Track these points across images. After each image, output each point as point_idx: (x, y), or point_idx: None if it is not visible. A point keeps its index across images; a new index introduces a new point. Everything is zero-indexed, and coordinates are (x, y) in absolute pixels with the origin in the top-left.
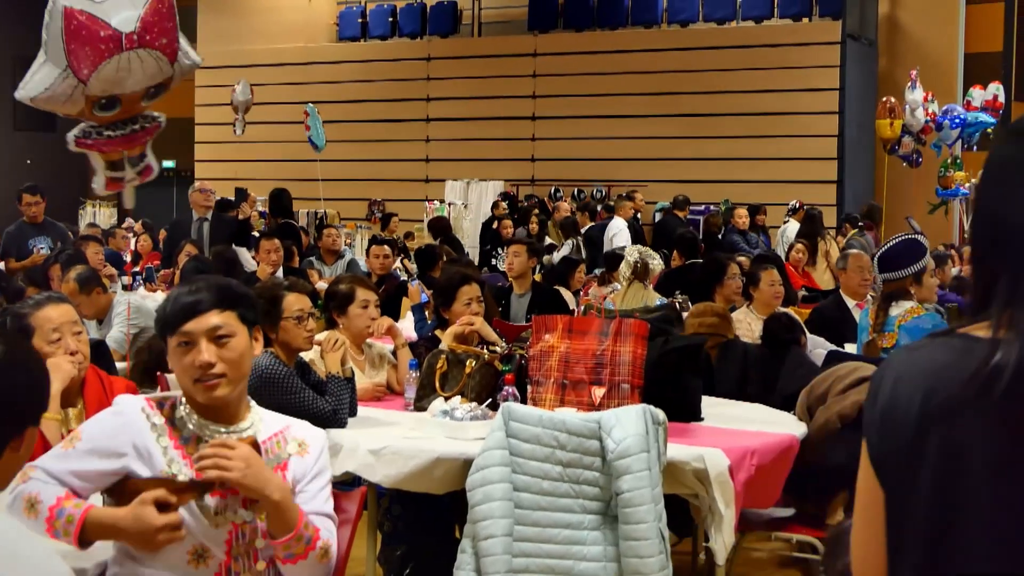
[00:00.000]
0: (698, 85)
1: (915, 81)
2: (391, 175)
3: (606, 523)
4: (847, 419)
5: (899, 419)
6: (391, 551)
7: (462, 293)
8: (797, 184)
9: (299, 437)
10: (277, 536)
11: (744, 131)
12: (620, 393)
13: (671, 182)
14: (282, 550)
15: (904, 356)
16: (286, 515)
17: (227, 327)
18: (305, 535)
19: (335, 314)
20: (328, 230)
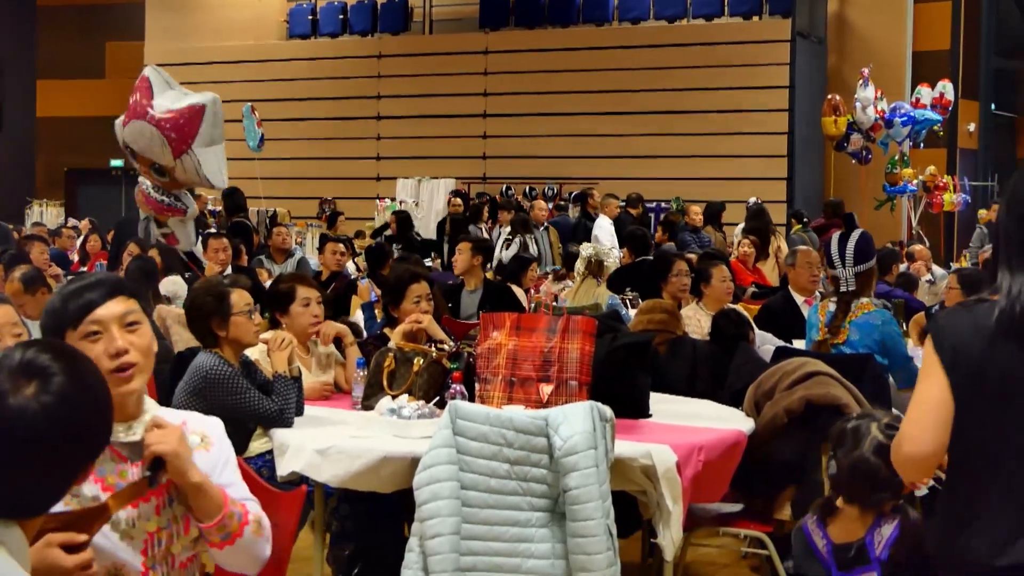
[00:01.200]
0: (649, 83)
1: (867, 79)
2: (342, 173)
3: (554, 520)
4: (794, 414)
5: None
6: (339, 551)
7: (411, 291)
8: (747, 181)
9: (199, 430)
10: (207, 520)
11: (695, 128)
12: (568, 390)
13: (622, 179)
14: (217, 532)
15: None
16: (211, 495)
17: (135, 313)
18: (235, 511)
19: (277, 314)
20: (278, 228)
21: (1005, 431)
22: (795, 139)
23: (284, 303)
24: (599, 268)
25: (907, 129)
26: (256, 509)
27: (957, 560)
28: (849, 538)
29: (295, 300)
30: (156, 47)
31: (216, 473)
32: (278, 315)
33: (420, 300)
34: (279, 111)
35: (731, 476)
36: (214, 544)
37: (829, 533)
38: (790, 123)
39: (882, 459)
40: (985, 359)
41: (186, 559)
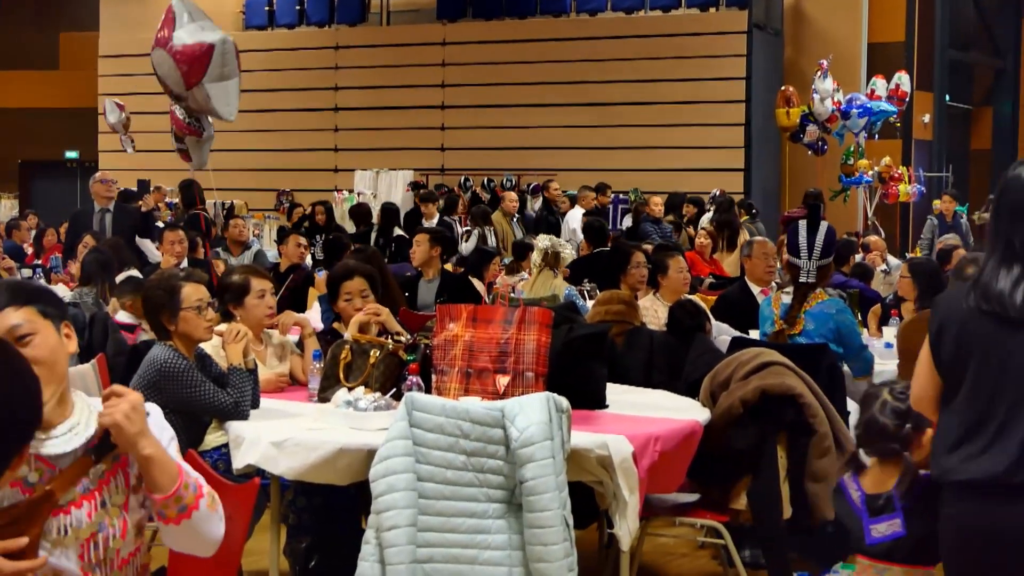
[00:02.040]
0: (606, 74)
1: (826, 70)
2: (299, 165)
3: (510, 511)
4: (750, 404)
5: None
6: (296, 543)
7: (343, 288)
8: (705, 172)
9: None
10: (163, 491)
11: (652, 120)
12: (524, 381)
13: (580, 170)
14: (174, 504)
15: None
16: (164, 466)
17: (28, 324)
18: (190, 482)
19: (231, 306)
20: (235, 220)
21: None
22: (752, 130)
23: (239, 295)
24: (555, 260)
25: (863, 120)
26: (208, 487)
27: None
28: (879, 489)
29: (250, 292)
30: (111, 38)
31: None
32: (232, 307)
33: (352, 297)
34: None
35: (687, 466)
36: (170, 519)
37: (862, 485)
38: (747, 114)
39: (889, 417)
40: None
41: (128, 554)
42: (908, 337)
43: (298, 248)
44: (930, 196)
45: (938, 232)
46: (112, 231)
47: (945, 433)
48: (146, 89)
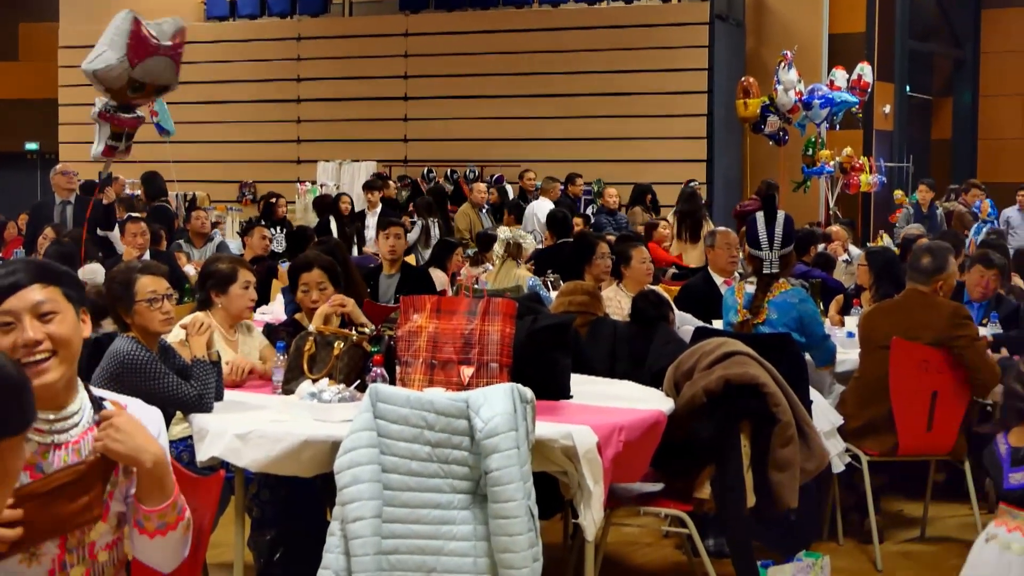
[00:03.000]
0: (569, 65)
1: (790, 61)
2: (262, 156)
3: (475, 502)
4: (713, 394)
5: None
6: (260, 536)
7: (300, 280)
8: (668, 163)
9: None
10: (151, 504)
11: (615, 111)
12: (489, 372)
13: (543, 162)
14: (156, 519)
15: None
16: (163, 482)
17: (52, 303)
18: (179, 503)
19: (214, 293)
20: (197, 212)
21: None
22: (714, 121)
23: (224, 283)
24: (518, 250)
25: (825, 111)
26: (188, 513)
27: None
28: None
29: (236, 281)
30: (71, 29)
31: None
32: (214, 294)
33: (309, 289)
34: (197, 94)
35: (651, 456)
36: (146, 531)
37: (1009, 440)
38: (709, 105)
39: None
40: None
41: (106, 545)
42: (869, 326)
43: (263, 240)
44: (891, 186)
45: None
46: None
47: None
48: None
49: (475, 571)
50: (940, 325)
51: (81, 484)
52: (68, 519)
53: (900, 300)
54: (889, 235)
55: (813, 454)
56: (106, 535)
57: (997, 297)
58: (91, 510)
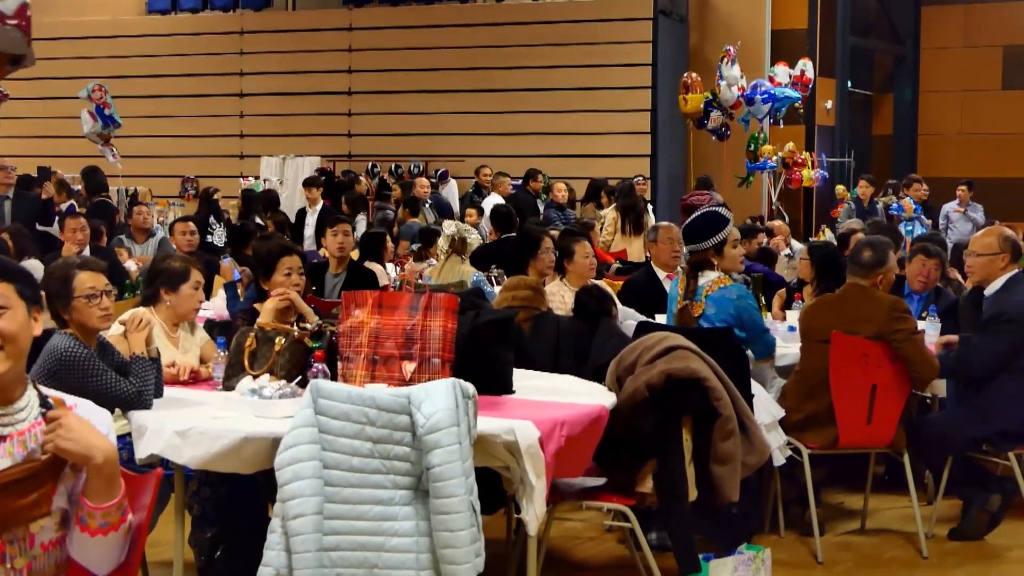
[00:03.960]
0: (513, 60)
1: (733, 57)
2: (205, 151)
3: (417, 498)
4: (655, 388)
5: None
6: (201, 534)
7: (282, 264)
8: (612, 158)
9: (86, 419)
10: (97, 502)
11: (559, 106)
12: (431, 368)
13: (488, 156)
14: (100, 517)
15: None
16: (112, 480)
17: (3, 299)
18: (124, 504)
19: (164, 290)
20: (138, 208)
21: None
22: (658, 116)
23: (176, 281)
24: (462, 245)
25: (767, 107)
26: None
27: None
28: None
29: (188, 280)
30: None
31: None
32: (165, 291)
33: (291, 272)
34: (139, 88)
35: (594, 450)
36: (88, 528)
37: None
38: (653, 100)
39: None
40: None
41: (48, 542)
42: (809, 320)
43: (184, 236)
44: (832, 181)
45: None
46: (11, 219)
47: None
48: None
49: (417, 567)
50: (879, 319)
51: (32, 481)
52: (16, 514)
53: (840, 294)
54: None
55: (754, 447)
56: (48, 530)
57: (936, 291)
58: (40, 506)
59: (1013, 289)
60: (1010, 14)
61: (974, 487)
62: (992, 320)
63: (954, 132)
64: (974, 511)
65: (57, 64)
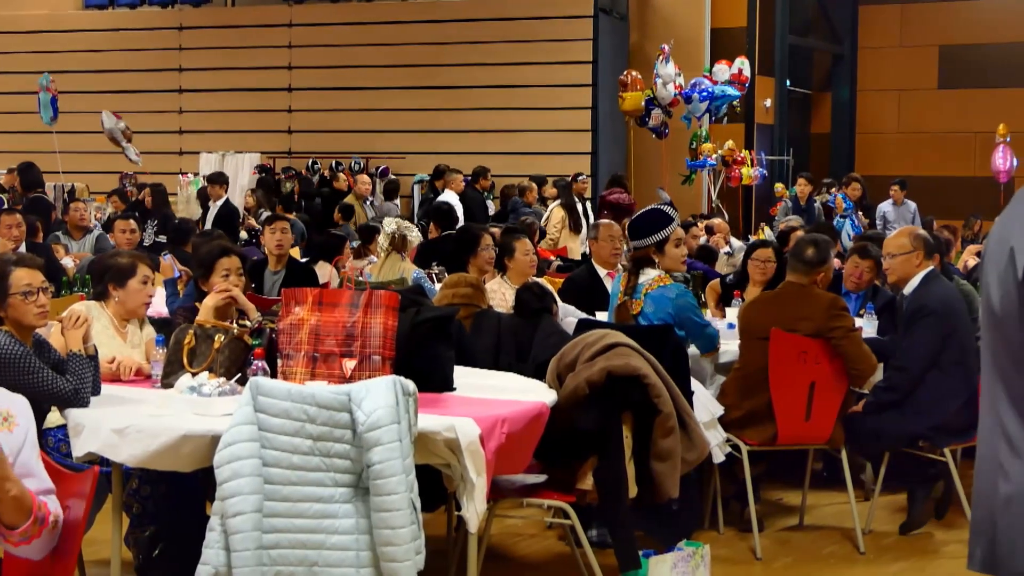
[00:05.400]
0: (454, 57)
1: (668, 55)
2: (143, 147)
3: (358, 496)
4: (595, 386)
5: None
6: (139, 532)
7: (220, 264)
8: (553, 155)
9: (3, 409)
10: (15, 526)
11: (500, 103)
12: (371, 365)
13: (429, 154)
14: (18, 536)
15: None
16: (22, 505)
17: None
18: (39, 516)
19: (112, 285)
20: (75, 204)
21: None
22: (599, 114)
23: (123, 277)
24: (403, 243)
25: (705, 104)
26: (55, 507)
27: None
28: None
29: (136, 276)
30: None
31: (15, 455)
32: (112, 287)
33: (229, 274)
34: (76, 83)
35: (534, 448)
36: (10, 542)
37: None
38: (594, 98)
39: None
40: None
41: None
42: (748, 317)
43: (123, 233)
44: (772, 179)
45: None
46: None
47: None
48: None
49: (357, 564)
50: (818, 316)
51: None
52: None
53: (779, 292)
54: (770, 228)
55: (694, 444)
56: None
57: (873, 288)
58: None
59: (930, 284)
60: (946, 14)
61: (914, 478)
62: (914, 316)
63: (891, 131)
64: (920, 501)
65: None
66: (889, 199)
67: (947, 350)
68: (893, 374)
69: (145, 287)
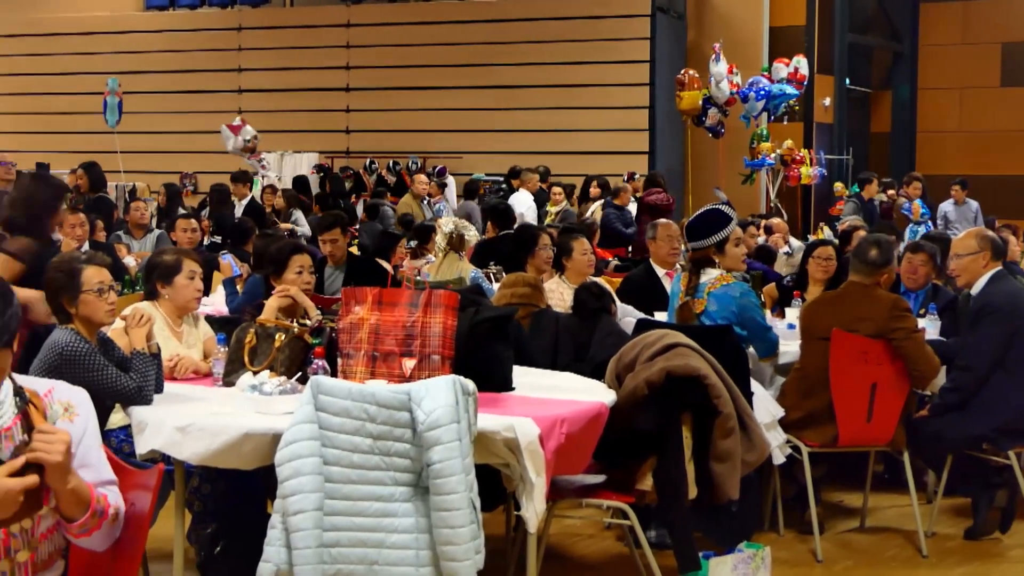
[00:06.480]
0: (511, 56)
1: (719, 54)
2: (203, 147)
3: (417, 495)
4: (655, 386)
5: None
6: (201, 529)
7: (293, 262)
8: (610, 155)
9: (64, 400)
10: (73, 519)
11: (557, 102)
12: (431, 364)
13: (485, 153)
14: (77, 529)
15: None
16: (80, 498)
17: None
18: (98, 509)
19: (160, 284)
20: (136, 203)
21: None
22: (656, 113)
23: (169, 274)
24: (460, 242)
25: (762, 103)
26: (115, 499)
27: None
28: None
29: (181, 272)
30: (9, 17)
31: (81, 446)
32: (160, 285)
33: (303, 271)
34: (137, 84)
35: (593, 448)
36: (70, 533)
37: None
38: (651, 98)
39: None
40: None
41: (47, 530)
42: (810, 318)
43: (185, 232)
44: (831, 178)
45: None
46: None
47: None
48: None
49: (417, 563)
50: (880, 317)
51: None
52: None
53: (841, 292)
54: (829, 227)
55: (754, 445)
56: (47, 518)
57: (934, 288)
58: (39, 500)
59: (997, 283)
60: (1008, 10)
61: (977, 484)
62: (979, 314)
63: (952, 129)
64: (984, 509)
65: (55, 60)
66: (950, 199)
67: (1013, 349)
68: (958, 374)
69: (192, 282)
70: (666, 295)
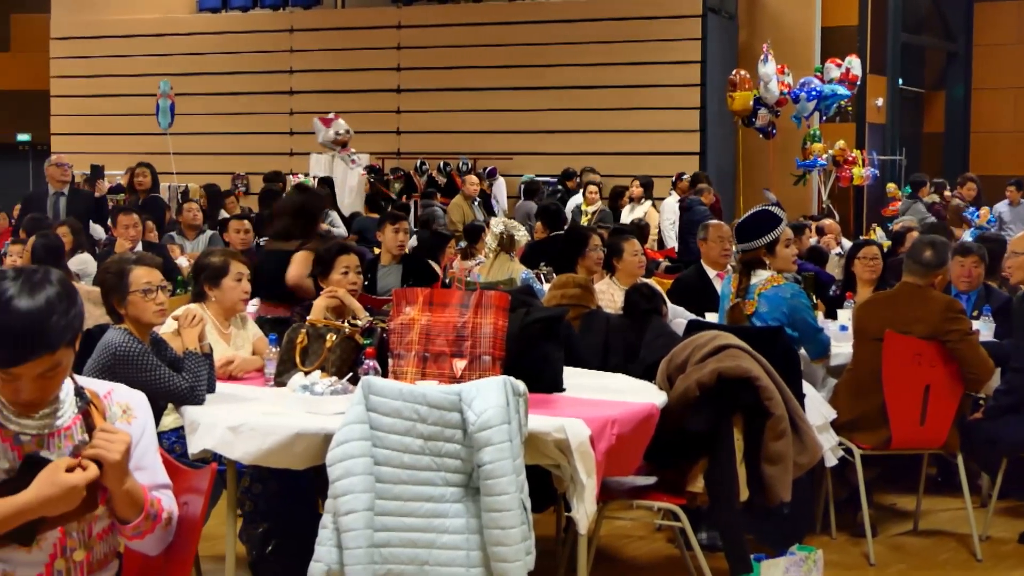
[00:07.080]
0: (562, 57)
1: (767, 54)
2: (254, 148)
3: (468, 495)
4: (706, 387)
5: None
6: (252, 529)
7: (339, 262)
8: (661, 156)
9: (123, 402)
10: (127, 521)
11: (608, 103)
12: (481, 365)
13: (536, 154)
14: (131, 531)
15: None
16: (135, 500)
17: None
18: (151, 512)
19: (207, 286)
20: (189, 204)
21: None
22: (707, 114)
23: (217, 275)
24: (511, 243)
25: (813, 104)
26: (169, 503)
27: None
28: None
29: (229, 274)
30: (62, 19)
31: (138, 449)
32: (207, 287)
33: (348, 271)
34: (189, 85)
35: (644, 449)
36: (123, 535)
37: None
38: (702, 98)
39: None
40: None
41: (103, 530)
42: (863, 318)
43: (238, 233)
44: (883, 179)
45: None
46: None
47: None
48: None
49: (468, 564)
50: (933, 319)
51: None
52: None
53: (894, 293)
54: (882, 228)
55: (806, 448)
56: (103, 519)
57: (987, 290)
58: (96, 499)
59: None
60: None
61: None
62: None
63: (1006, 129)
64: None
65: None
66: (1005, 199)
67: None
68: (1013, 376)
69: (240, 284)
70: (717, 296)
